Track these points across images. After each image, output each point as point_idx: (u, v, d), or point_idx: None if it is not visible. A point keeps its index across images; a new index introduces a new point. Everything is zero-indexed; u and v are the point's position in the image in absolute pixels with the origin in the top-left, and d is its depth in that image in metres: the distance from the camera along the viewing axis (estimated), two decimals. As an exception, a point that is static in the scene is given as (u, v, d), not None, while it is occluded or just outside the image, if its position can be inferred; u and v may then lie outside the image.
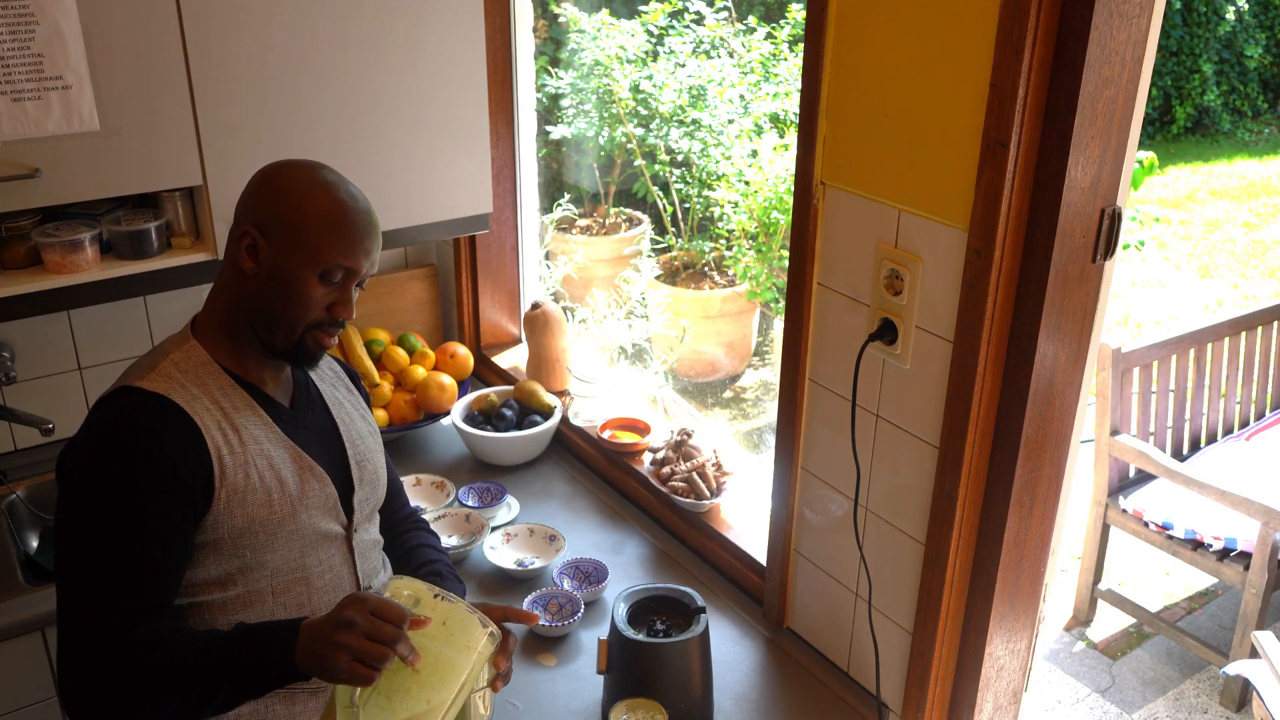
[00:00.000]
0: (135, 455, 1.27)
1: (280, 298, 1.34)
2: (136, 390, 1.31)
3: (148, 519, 1.27)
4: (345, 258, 1.34)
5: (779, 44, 4.28)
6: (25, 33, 1.71)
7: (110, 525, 1.27)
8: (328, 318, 1.37)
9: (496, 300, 2.73)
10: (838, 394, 1.65)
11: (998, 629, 1.54)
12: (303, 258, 1.33)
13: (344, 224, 1.34)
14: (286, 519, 1.39)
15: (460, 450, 2.44)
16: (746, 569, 1.97)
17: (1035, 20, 1.23)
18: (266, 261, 1.33)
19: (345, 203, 1.34)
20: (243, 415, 1.37)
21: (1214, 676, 3.24)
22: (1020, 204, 1.33)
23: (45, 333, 2.19)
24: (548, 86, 4.54)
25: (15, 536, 2.08)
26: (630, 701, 1.57)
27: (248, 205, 1.36)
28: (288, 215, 1.32)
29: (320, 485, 1.44)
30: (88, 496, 1.28)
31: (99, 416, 1.31)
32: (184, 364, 1.36)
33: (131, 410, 1.30)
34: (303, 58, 1.98)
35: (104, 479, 1.27)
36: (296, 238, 1.32)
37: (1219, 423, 3.58)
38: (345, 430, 1.53)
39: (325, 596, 1.45)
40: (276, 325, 1.36)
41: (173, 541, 1.30)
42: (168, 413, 1.31)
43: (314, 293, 1.34)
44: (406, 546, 1.67)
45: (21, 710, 1.86)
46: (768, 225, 3.97)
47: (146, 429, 1.29)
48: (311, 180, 1.35)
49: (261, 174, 1.38)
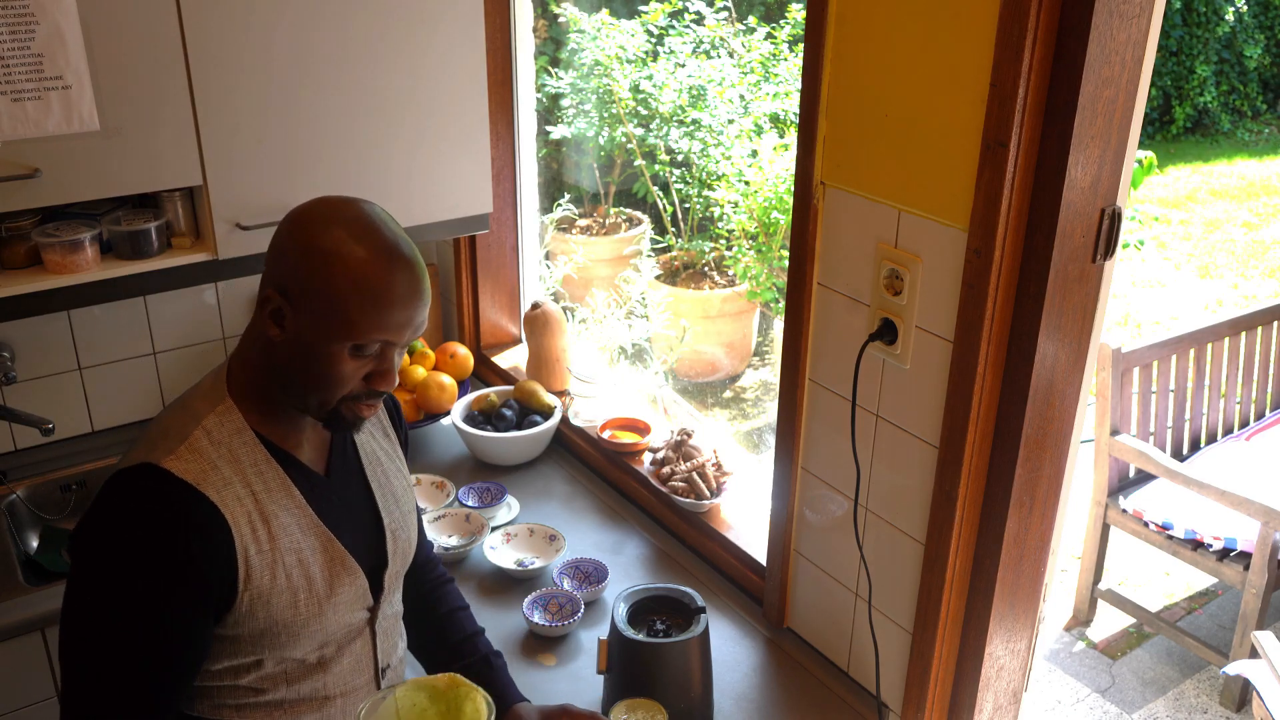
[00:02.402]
0: (157, 553, 1.15)
1: (308, 371, 1.19)
2: (164, 474, 1.17)
3: (164, 624, 1.17)
4: (382, 331, 1.17)
5: (779, 44, 4.28)
6: (25, 33, 1.71)
7: (123, 625, 1.16)
8: (364, 389, 1.22)
9: (496, 300, 2.73)
10: (838, 394, 1.65)
11: (998, 629, 1.54)
12: (332, 332, 1.16)
13: (382, 294, 1.16)
14: (312, 619, 1.28)
15: (460, 450, 2.44)
16: (746, 569, 1.97)
17: (1035, 20, 1.23)
18: (292, 330, 1.18)
19: (384, 267, 1.16)
20: (275, 498, 1.25)
21: (1214, 676, 3.25)
22: (1020, 204, 1.33)
23: (45, 333, 2.19)
24: (548, 86, 4.54)
25: (15, 536, 2.08)
26: (630, 701, 1.57)
27: (274, 261, 1.19)
28: (314, 282, 1.15)
29: (351, 579, 1.32)
30: (101, 587, 1.17)
31: (121, 500, 1.17)
32: (217, 433, 1.22)
33: (158, 499, 1.17)
34: (303, 57, 1.98)
35: (120, 572, 1.16)
36: (325, 308, 1.15)
37: (1219, 423, 3.58)
38: (381, 498, 1.40)
39: (341, 681, 1.36)
40: (307, 396, 1.22)
41: (189, 647, 1.21)
42: (198, 509, 1.18)
43: (345, 368, 1.19)
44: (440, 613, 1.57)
45: (21, 710, 1.86)
46: (768, 225, 3.97)
47: (172, 525, 1.16)
48: (345, 234, 1.16)
49: (290, 221, 1.20)
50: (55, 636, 1.84)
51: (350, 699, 1.38)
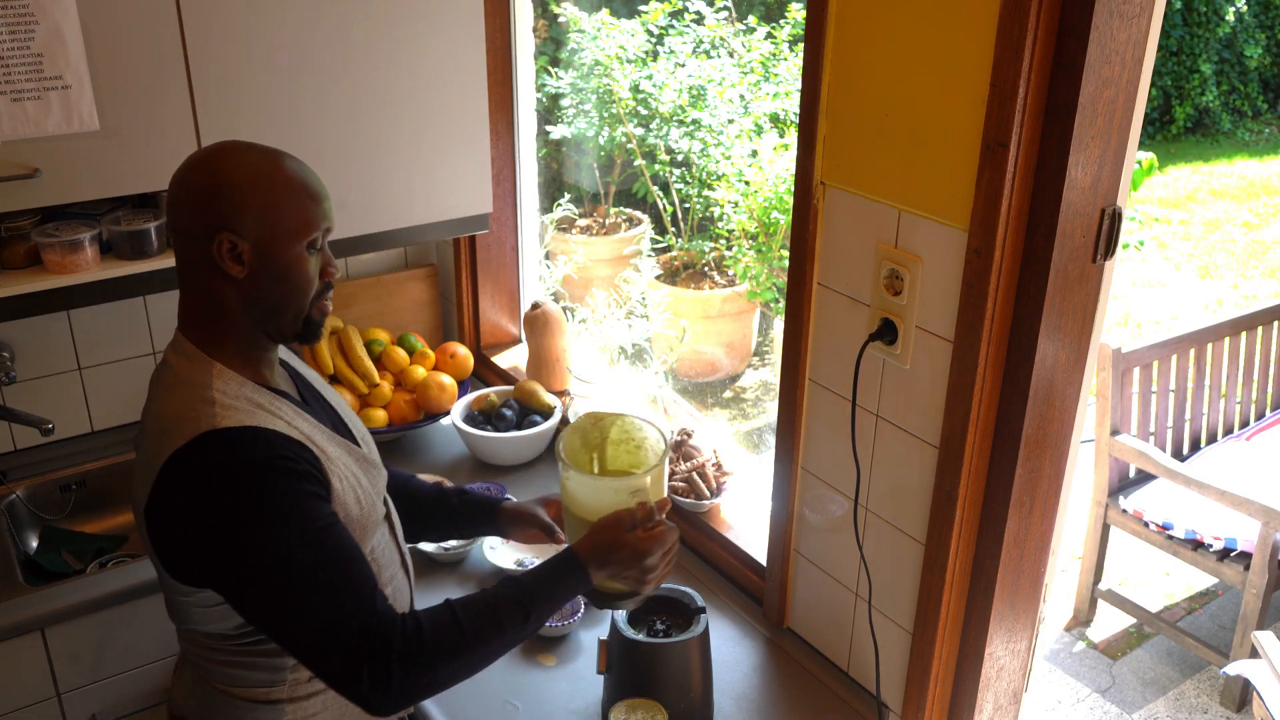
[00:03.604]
0: (286, 470, 1.26)
1: (280, 286, 1.31)
2: (231, 429, 1.26)
3: (333, 519, 1.29)
4: (321, 219, 1.33)
5: (779, 44, 4.28)
6: (25, 33, 1.71)
7: (316, 531, 1.26)
8: (322, 285, 1.37)
9: (496, 300, 2.73)
10: (838, 394, 1.65)
11: (998, 629, 1.54)
12: (290, 238, 1.30)
13: (306, 188, 1.31)
14: (370, 513, 1.40)
15: (460, 450, 2.44)
16: (746, 569, 1.97)
17: (1035, 20, 1.23)
18: (252, 259, 1.29)
19: (294, 168, 1.32)
20: (304, 422, 1.35)
21: (1214, 676, 3.24)
22: (1020, 204, 1.33)
23: (45, 333, 2.19)
24: (548, 86, 4.54)
25: (15, 536, 2.08)
26: (630, 701, 1.57)
27: (205, 213, 1.28)
28: (255, 206, 1.27)
29: (378, 473, 1.47)
30: (271, 524, 1.24)
31: (220, 459, 1.24)
32: (231, 392, 1.30)
33: (252, 441, 1.26)
34: (302, 58, 1.98)
35: (273, 502, 1.24)
36: (276, 223, 1.29)
37: (1219, 423, 3.58)
38: (342, 412, 1.52)
39: (383, 576, 1.45)
40: (284, 313, 1.34)
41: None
42: (284, 438, 1.29)
43: (308, 267, 1.33)
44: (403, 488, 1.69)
45: (21, 710, 1.86)
46: (768, 225, 3.97)
47: (280, 445, 1.27)
48: (251, 161, 1.30)
49: (196, 177, 1.30)
50: (55, 636, 1.84)
51: (390, 587, 1.47)
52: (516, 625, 1.34)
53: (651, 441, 1.55)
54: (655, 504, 1.44)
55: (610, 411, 1.59)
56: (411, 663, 1.26)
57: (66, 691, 1.90)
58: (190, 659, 1.44)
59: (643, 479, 1.46)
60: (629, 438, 1.57)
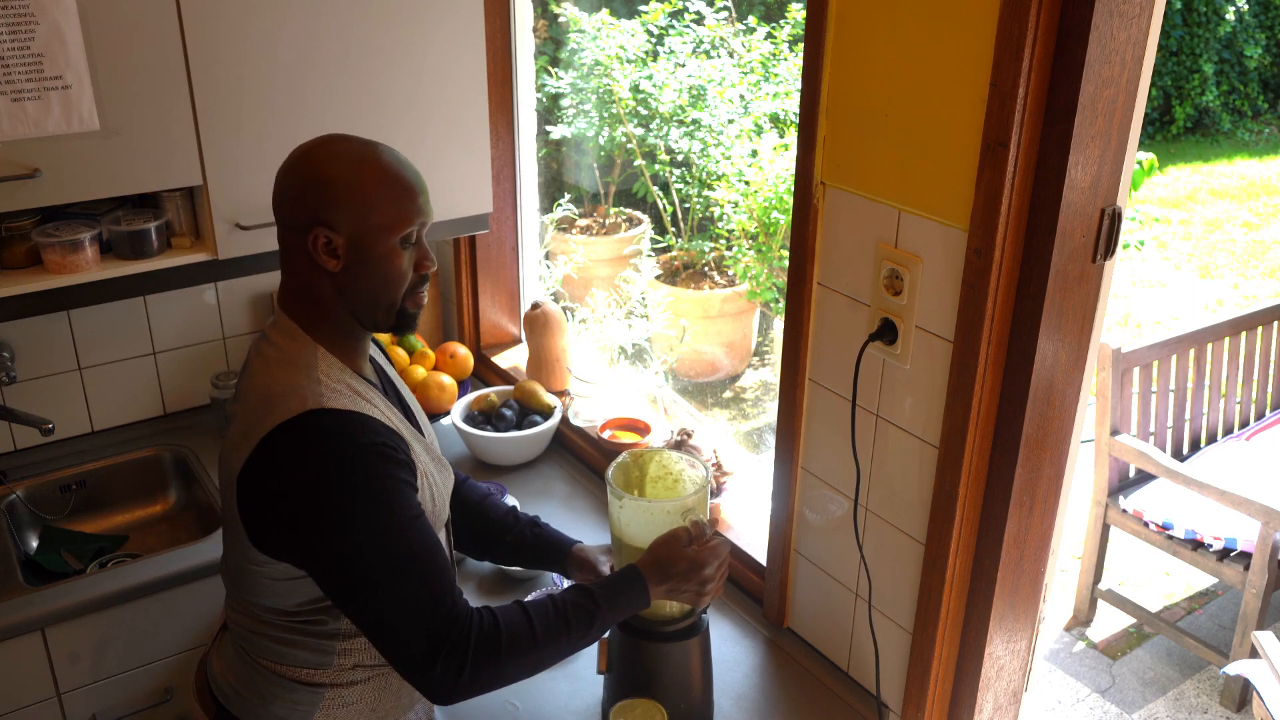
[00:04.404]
0: (389, 458, 1.30)
1: (375, 279, 1.34)
2: (336, 412, 1.30)
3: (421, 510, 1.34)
4: (416, 214, 1.35)
5: (779, 44, 4.28)
6: (25, 33, 1.71)
7: (409, 519, 1.31)
8: (417, 278, 1.39)
9: (496, 300, 2.73)
10: (838, 394, 1.65)
11: (998, 629, 1.54)
12: (382, 233, 1.32)
13: (400, 183, 1.33)
14: (440, 510, 1.45)
15: (460, 450, 2.44)
16: (746, 569, 1.97)
17: (1035, 20, 1.23)
18: (346, 253, 1.32)
19: (389, 162, 1.34)
20: (391, 414, 1.40)
21: (1214, 676, 3.25)
22: (1020, 204, 1.33)
23: (45, 333, 2.19)
24: (548, 86, 4.54)
25: (15, 536, 2.08)
26: (630, 701, 1.57)
27: (300, 207, 1.32)
28: (349, 201, 1.30)
29: (447, 475, 1.51)
30: (371, 507, 1.28)
31: (329, 437, 1.29)
32: (334, 375, 1.35)
33: (357, 423, 1.30)
34: (302, 57, 1.98)
35: (375, 485, 1.29)
36: (368, 218, 1.31)
37: (1219, 423, 3.58)
38: (415, 409, 1.56)
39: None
40: (377, 305, 1.37)
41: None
42: (377, 421, 1.33)
43: (402, 261, 1.35)
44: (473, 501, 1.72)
45: (21, 710, 1.86)
46: (768, 225, 3.97)
47: (383, 433, 1.32)
48: (349, 155, 1.33)
49: (296, 171, 1.34)
50: (55, 636, 1.84)
51: None
52: (581, 630, 1.40)
53: (689, 473, 1.64)
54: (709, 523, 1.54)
55: (648, 449, 1.68)
56: (485, 655, 1.32)
57: (66, 691, 1.90)
58: (237, 633, 1.46)
59: (691, 499, 1.56)
60: (666, 473, 1.67)
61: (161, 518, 2.28)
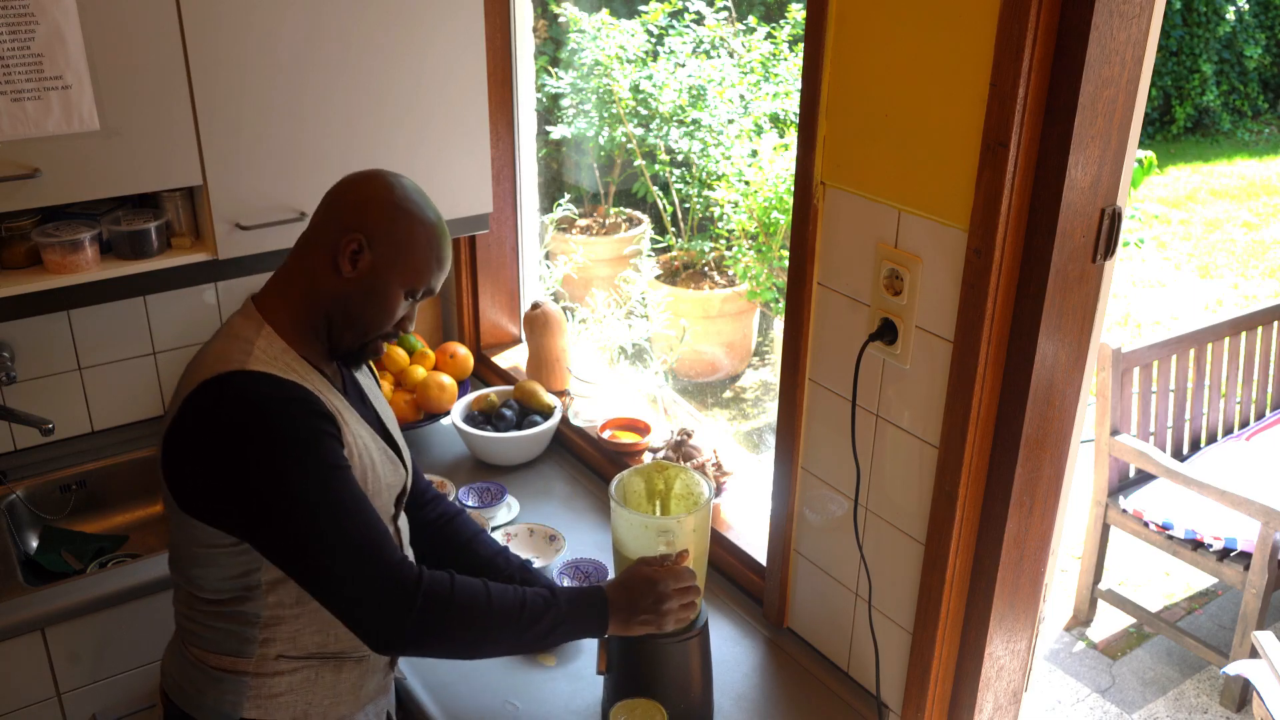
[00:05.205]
0: (308, 409, 1.33)
1: (367, 305, 1.41)
2: (259, 374, 1.34)
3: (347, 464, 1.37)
4: (432, 279, 1.44)
5: (779, 44, 4.28)
6: (25, 33, 1.71)
7: (332, 467, 1.33)
8: (394, 330, 1.46)
9: (496, 300, 2.73)
10: (838, 394, 1.65)
11: (998, 629, 1.54)
12: (401, 276, 1.40)
13: (441, 253, 1.43)
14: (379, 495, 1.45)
15: (460, 450, 2.44)
16: (746, 569, 1.97)
17: (1035, 20, 1.23)
18: (365, 270, 1.39)
19: (442, 233, 1.44)
20: (334, 397, 1.43)
21: (1214, 676, 3.25)
22: (1020, 204, 1.33)
23: (45, 333, 2.19)
24: (548, 86, 4.54)
25: (15, 536, 2.08)
26: (630, 701, 1.57)
27: (355, 214, 1.40)
28: (398, 236, 1.39)
29: (396, 473, 1.51)
30: (290, 452, 1.31)
31: (241, 393, 1.32)
32: (269, 350, 1.38)
33: (276, 384, 1.34)
34: (303, 57, 1.98)
35: (293, 433, 1.31)
36: (402, 258, 1.40)
37: (1219, 423, 3.58)
38: (387, 422, 1.57)
39: None
40: (352, 328, 1.42)
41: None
42: (297, 384, 1.36)
43: (397, 307, 1.43)
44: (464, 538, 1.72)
45: (21, 710, 1.86)
46: (768, 225, 3.97)
47: (305, 395, 1.34)
48: (417, 205, 1.42)
49: (367, 186, 1.42)
50: (55, 636, 1.84)
51: None
52: (531, 617, 1.42)
53: (704, 499, 1.65)
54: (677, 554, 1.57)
55: (675, 465, 1.71)
56: (433, 600, 1.35)
57: (66, 691, 1.90)
58: (177, 624, 1.49)
59: (671, 522, 1.59)
60: (690, 493, 1.68)
61: (161, 518, 2.28)
